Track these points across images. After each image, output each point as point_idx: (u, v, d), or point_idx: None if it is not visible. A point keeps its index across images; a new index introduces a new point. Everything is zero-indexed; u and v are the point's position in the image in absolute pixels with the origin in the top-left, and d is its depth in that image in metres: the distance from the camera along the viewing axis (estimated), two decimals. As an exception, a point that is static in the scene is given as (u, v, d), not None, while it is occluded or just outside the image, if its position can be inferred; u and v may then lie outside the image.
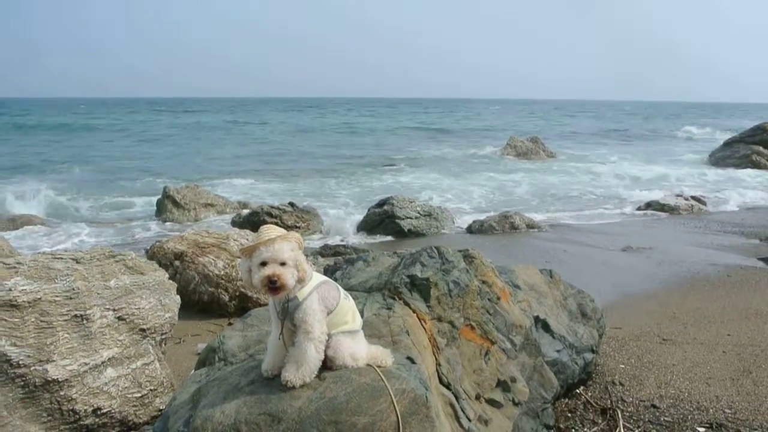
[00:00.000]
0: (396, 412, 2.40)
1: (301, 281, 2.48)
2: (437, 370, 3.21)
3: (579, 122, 61.23)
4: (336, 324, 2.56)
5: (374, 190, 17.32)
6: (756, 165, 22.73)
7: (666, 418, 4.23)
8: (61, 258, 3.95)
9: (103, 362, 3.69)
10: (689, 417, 4.25)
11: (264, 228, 2.50)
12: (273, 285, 2.38)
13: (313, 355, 2.47)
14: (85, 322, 3.67)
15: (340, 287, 2.68)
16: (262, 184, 19.10)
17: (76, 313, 3.64)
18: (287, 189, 18.11)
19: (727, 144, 26.11)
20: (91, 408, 3.56)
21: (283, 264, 2.40)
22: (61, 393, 3.46)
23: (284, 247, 2.41)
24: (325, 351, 2.54)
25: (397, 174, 21.78)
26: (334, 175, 21.29)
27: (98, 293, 3.84)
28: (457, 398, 3.16)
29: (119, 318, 3.90)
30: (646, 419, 4.22)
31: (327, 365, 2.57)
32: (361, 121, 58.43)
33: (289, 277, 2.40)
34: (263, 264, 2.40)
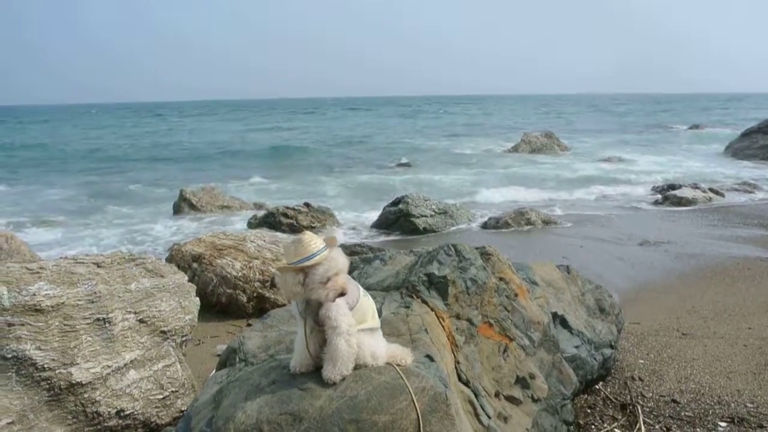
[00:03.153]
0: (416, 410, 2.41)
1: None
2: (456, 367, 3.22)
3: (590, 116, 60.79)
4: (356, 321, 2.58)
5: (388, 189, 17.33)
6: (775, 156, 22.42)
7: (687, 413, 4.20)
8: (83, 262, 4.01)
9: (125, 364, 3.74)
10: (710, 412, 4.22)
11: (307, 239, 2.47)
12: (340, 294, 2.47)
13: (345, 349, 2.50)
14: (107, 325, 3.72)
15: (359, 285, 2.70)
16: (275, 185, 19.22)
17: (99, 316, 3.70)
18: (300, 189, 18.19)
19: (745, 135, 25.76)
20: (115, 410, 3.61)
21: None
22: (85, 395, 3.52)
23: (339, 257, 2.48)
24: None
25: (411, 172, 21.78)
26: (347, 174, 21.37)
27: (119, 296, 3.89)
28: (476, 395, 3.17)
29: (140, 321, 3.95)
30: (667, 414, 4.19)
31: None
32: (362, 120, 58.58)
33: (346, 282, 2.51)
34: (326, 279, 2.44)
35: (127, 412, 3.67)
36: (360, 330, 2.59)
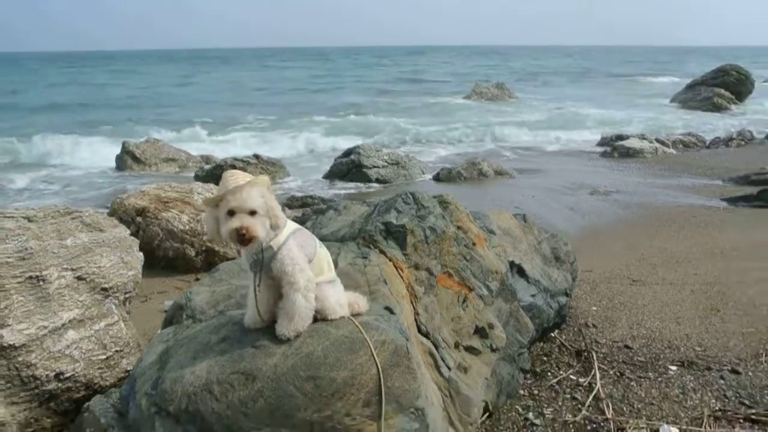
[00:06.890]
0: (376, 364, 2.29)
1: (275, 228, 2.31)
2: (416, 319, 3.12)
3: (541, 67, 61.11)
4: (314, 274, 2.42)
5: (339, 140, 17.02)
6: (717, 107, 23.08)
7: (639, 358, 4.26)
8: (12, 216, 3.69)
9: (63, 325, 3.49)
10: (661, 356, 4.29)
11: (228, 174, 2.29)
12: (242, 237, 2.20)
13: (302, 305, 2.34)
14: (41, 283, 3.45)
15: (314, 236, 2.53)
16: (223, 136, 18.65)
17: (31, 274, 3.42)
18: (251, 140, 17.71)
19: (690, 87, 26.40)
20: (53, 373, 3.38)
21: (252, 213, 2.21)
22: (19, 359, 3.28)
23: (253, 194, 2.21)
24: None
25: (364, 121, 21.48)
26: (296, 125, 20.87)
27: (54, 252, 3.61)
28: (436, 347, 3.09)
29: (78, 278, 3.69)
30: (620, 360, 4.25)
31: (316, 318, 2.45)
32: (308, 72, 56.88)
33: (259, 227, 2.22)
34: (231, 214, 2.21)
35: (67, 375, 3.45)
36: (321, 282, 2.44)
